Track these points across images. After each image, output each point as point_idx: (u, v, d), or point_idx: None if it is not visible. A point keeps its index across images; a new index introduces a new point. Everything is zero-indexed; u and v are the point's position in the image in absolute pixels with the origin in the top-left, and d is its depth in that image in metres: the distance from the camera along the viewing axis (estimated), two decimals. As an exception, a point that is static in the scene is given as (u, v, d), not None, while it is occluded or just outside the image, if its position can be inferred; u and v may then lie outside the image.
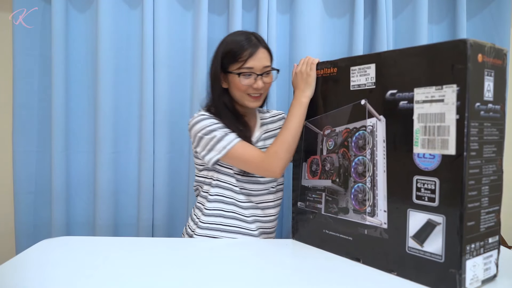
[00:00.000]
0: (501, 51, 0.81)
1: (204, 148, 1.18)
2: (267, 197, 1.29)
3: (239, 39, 1.21)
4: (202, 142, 1.18)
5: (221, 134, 1.17)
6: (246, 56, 1.18)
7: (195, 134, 1.20)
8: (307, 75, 1.13)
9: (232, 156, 1.16)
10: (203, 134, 1.18)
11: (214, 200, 1.24)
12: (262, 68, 1.21)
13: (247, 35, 1.23)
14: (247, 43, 1.19)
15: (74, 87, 1.68)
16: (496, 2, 1.82)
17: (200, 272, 0.90)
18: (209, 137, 1.17)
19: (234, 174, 1.23)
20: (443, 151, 0.79)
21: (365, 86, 0.95)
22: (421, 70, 0.83)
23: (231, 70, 1.20)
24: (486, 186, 0.80)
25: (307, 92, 1.13)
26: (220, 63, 1.22)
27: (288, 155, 1.15)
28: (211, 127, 1.18)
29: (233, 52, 1.19)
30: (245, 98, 1.23)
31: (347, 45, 1.78)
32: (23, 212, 1.68)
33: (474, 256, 0.79)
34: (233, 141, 1.16)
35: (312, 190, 1.11)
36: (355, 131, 0.98)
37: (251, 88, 1.21)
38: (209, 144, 1.17)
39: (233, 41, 1.21)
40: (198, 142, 1.20)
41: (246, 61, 1.18)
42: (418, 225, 0.84)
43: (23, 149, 1.67)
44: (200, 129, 1.19)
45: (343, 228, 1.01)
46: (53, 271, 0.89)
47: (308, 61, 1.15)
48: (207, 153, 1.18)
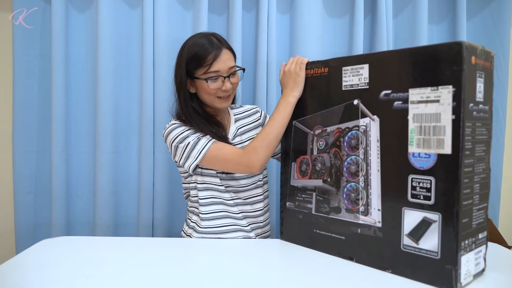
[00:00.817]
0: (489, 53, 0.83)
1: (180, 156, 1.19)
2: (255, 191, 1.30)
3: (201, 42, 1.19)
4: (178, 151, 1.19)
5: (194, 140, 1.17)
6: (210, 60, 1.17)
7: (170, 144, 1.20)
8: (296, 75, 1.12)
9: (209, 158, 1.16)
10: (177, 143, 1.18)
11: (206, 203, 1.24)
12: (228, 69, 1.20)
13: (208, 37, 1.21)
14: (209, 46, 1.18)
15: (74, 87, 1.68)
16: (496, 2, 1.82)
17: (199, 272, 0.91)
18: (183, 145, 1.17)
19: (217, 174, 1.24)
20: (439, 150, 0.80)
21: (358, 86, 0.96)
22: (416, 71, 0.84)
23: (198, 76, 1.19)
24: (477, 184, 0.82)
25: (296, 92, 1.12)
26: (185, 70, 1.20)
27: (267, 151, 1.14)
28: (183, 134, 1.18)
29: (197, 56, 1.17)
30: (214, 100, 1.23)
31: (347, 45, 1.78)
32: (23, 212, 1.69)
33: (468, 252, 0.81)
34: (207, 144, 1.16)
35: (302, 190, 1.10)
36: (347, 131, 0.99)
37: (220, 91, 1.21)
38: (184, 151, 1.17)
39: (195, 45, 1.19)
40: (174, 151, 1.20)
41: (211, 65, 1.17)
42: (413, 223, 0.84)
43: (23, 149, 1.68)
44: (173, 138, 1.19)
45: (335, 228, 1.01)
46: (53, 271, 0.90)
47: (297, 60, 1.14)
48: (185, 160, 1.18)
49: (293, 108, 1.13)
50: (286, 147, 1.16)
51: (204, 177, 1.24)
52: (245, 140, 1.31)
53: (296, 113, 1.13)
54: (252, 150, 1.14)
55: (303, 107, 1.12)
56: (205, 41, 1.19)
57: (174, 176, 1.71)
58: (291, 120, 1.14)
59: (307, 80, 1.11)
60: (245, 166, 1.15)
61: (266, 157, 1.14)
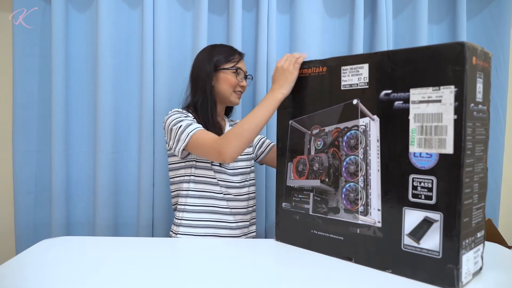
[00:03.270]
0: (487, 54, 0.84)
1: (173, 139, 1.23)
2: (246, 189, 1.36)
3: (226, 47, 1.40)
4: (172, 133, 1.24)
5: (186, 124, 1.22)
6: (237, 58, 1.37)
7: (167, 128, 1.26)
8: (289, 72, 1.09)
9: (193, 142, 1.20)
10: (172, 126, 1.24)
11: (194, 196, 1.29)
12: (245, 72, 1.41)
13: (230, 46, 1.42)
14: (235, 51, 1.39)
15: (74, 87, 1.68)
16: (496, 2, 1.82)
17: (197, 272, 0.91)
18: (176, 127, 1.22)
19: (212, 167, 1.29)
20: (441, 150, 0.80)
21: (357, 86, 0.95)
22: (418, 71, 0.84)
23: (227, 67, 1.34)
24: (476, 183, 0.82)
25: (285, 89, 1.09)
26: (214, 63, 1.33)
27: (239, 142, 1.12)
28: (179, 118, 1.24)
29: (227, 54, 1.36)
30: (232, 94, 1.36)
31: (347, 45, 1.78)
32: (23, 212, 1.68)
33: (468, 250, 0.81)
34: (195, 129, 1.21)
35: (299, 191, 1.10)
36: (346, 131, 0.98)
37: (239, 86, 1.36)
38: (176, 134, 1.22)
39: (222, 46, 1.40)
40: (169, 134, 1.25)
41: (238, 62, 1.37)
42: (414, 222, 0.84)
43: (23, 149, 1.68)
44: (170, 122, 1.25)
45: (333, 228, 1.00)
46: (53, 271, 0.89)
47: (292, 58, 1.10)
48: (175, 143, 1.23)
49: (278, 104, 1.11)
50: (282, 147, 1.15)
51: (198, 170, 1.29)
52: None
53: (293, 113, 1.12)
54: (225, 137, 1.15)
55: (300, 106, 1.10)
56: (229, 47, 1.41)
57: (174, 176, 1.71)
58: (288, 120, 1.13)
59: (305, 79, 1.09)
60: (216, 152, 1.15)
61: (238, 147, 1.13)
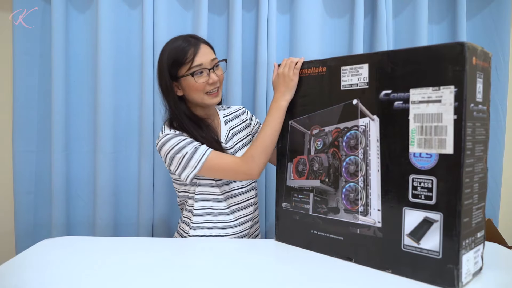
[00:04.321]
0: (487, 54, 0.84)
1: (177, 166, 1.17)
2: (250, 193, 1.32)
3: (178, 44, 1.19)
4: (174, 161, 1.16)
5: (192, 150, 1.15)
6: (191, 56, 1.17)
7: (165, 154, 1.18)
8: (289, 79, 1.11)
9: (207, 167, 1.16)
10: (174, 154, 1.16)
11: (200, 214, 1.24)
12: (210, 62, 1.20)
13: (183, 38, 1.21)
14: (187, 44, 1.18)
15: (74, 87, 1.68)
16: (496, 2, 1.82)
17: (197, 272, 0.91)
18: (180, 155, 1.15)
19: (216, 184, 1.24)
20: (441, 150, 0.80)
21: (357, 86, 0.95)
22: (418, 72, 0.84)
23: (182, 74, 1.18)
24: (476, 183, 0.82)
25: (287, 96, 1.12)
26: (168, 73, 1.19)
27: (265, 158, 1.15)
28: (180, 145, 1.16)
29: (177, 56, 1.17)
30: (204, 98, 1.21)
31: (347, 45, 1.78)
32: (23, 212, 1.69)
33: (468, 251, 0.81)
34: (205, 153, 1.15)
35: (299, 191, 1.10)
36: (346, 131, 0.98)
37: (208, 85, 1.20)
38: (182, 162, 1.16)
39: (173, 48, 1.20)
40: (170, 161, 1.18)
41: (193, 60, 1.17)
42: (414, 223, 0.84)
43: (23, 149, 1.68)
44: (169, 149, 1.16)
45: (333, 228, 1.00)
46: (53, 271, 0.89)
47: (291, 64, 1.12)
48: (182, 170, 1.16)
49: (285, 111, 1.13)
50: (282, 147, 1.15)
51: (202, 187, 1.24)
52: (236, 142, 1.32)
53: (292, 113, 1.13)
54: (250, 158, 1.15)
55: (300, 107, 1.11)
56: (181, 41, 1.20)
57: (174, 176, 1.71)
58: (288, 120, 1.14)
59: (305, 79, 1.10)
60: (244, 174, 1.17)
61: (264, 163, 1.16)
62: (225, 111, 1.40)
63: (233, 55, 1.65)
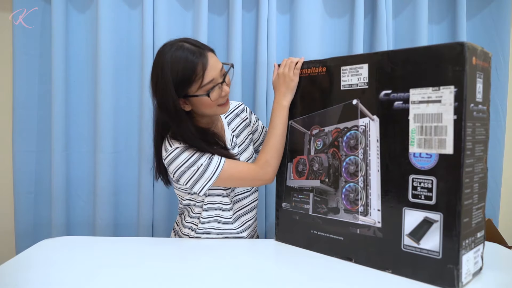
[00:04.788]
0: (487, 54, 0.84)
1: (189, 179, 1.11)
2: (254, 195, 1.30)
3: (181, 56, 1.04)
4: (186, 175, 1.10)
5: (206, 162, 1.10)
6: (201, 71, 1.04)
7: (175, 169, 1.11)
8: (289, 80, 1.11)
9: (223, 178, 1.12)
10: (186, 168, 1.10)
11: (208, 221, 1.22)
12: (220, 73, 1.10)
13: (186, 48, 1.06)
14: (192, 57, 1.04)
15: (74, 87, 1.68)
16: (496, 2, 1.82)
17: (197, 272, 0.91)
18: (194, 169, 1.10)
19: (227, 194, 1.21)
20: (441, 150, 0.80)
21: (357, 86, 0.95)
22: (417, 72, 0.84)
23: (194, 93, 1.07)
24: (476, 183, 0.82)
25: (288, 96, 1.12)
26: (174, 92, 1.05)
27: (278, 160, 1.15)
28: (192, 159, 1.10)
29: (184, 73, 1.04)
30: (216, 110, 1.14)
31: (347, 45, 1.78)
32: (23, 212, 1.69)
33: (468, 251, 0.81)
34: (220, 163, 1.11)
35: (299, 191, 1.10)
36: (346, 131, 0.98)
37: (220, 98, 1.12)
38: (195, 175, 1.10)
39: (176, 62, 1.04)
40: (180, 175, 1.11)
41: (204, 76, 1.05)
42: (414, 223, 0.84)
43: (23, 149, 1.68)
44: (181, 163, 1.10)
45: (333, 228, 1.01)
46: (53, 271, 0.90)
47: (291, 64, 1.12)
48: (194, 183, 1.11)
49: (288, 111, 1.13)
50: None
51: (212, 197, 1.20)
52: (239, 144, 1.29)
53: (292, 113, 1.13)
54: (265, 164, 1.14)
55: (300, 107, 1.11)
56: (184, 53, 1.05)
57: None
58: (287, 120, 1.14)
59: (305, 79, 1.10)
60: (261, 180, 1.16)
61: (278, 166, 1.16)
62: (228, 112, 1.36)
63: (233, 55, 1.65)
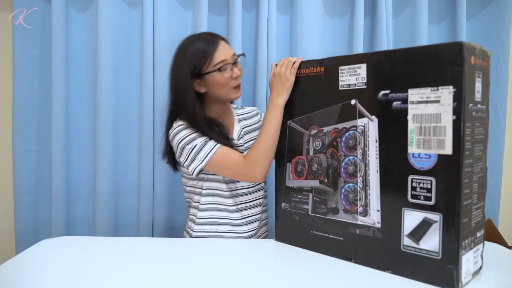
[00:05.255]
0: (486, 53, 0.83)
1: (186, 158, 1.17)
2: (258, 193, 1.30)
3: (197, 42, 1.20)
4: (184, 152, 1.17)
5: (202, 143, 1.15)
6: (213, 52, 1.17)
7: (176, 144, 1.18)
8: (285, 79, 1.10)
9: (214, 163, 1.15)
10: (184, 144, 1.16)
11: (207, 209, 1.24)
12: (232, 57, 1.21)
13: (201, 37, 1.22)
14: (207, 42, 1.19)
15: (74, 87, 1.69)
16: (496, 2, 1.82)
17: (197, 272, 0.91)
18: (190, 147, 1.16)
19: (224, 180, 1.23)
20: (440, 151, 0.80)
21: (355, 86, 0.95)
22: (416, 72, 0.83)
23: (207, 71, 1.18)
24: (475, 183, 0.82)
25: (283, 96, 1.11)
26: (188, 71, 1.17)
27: (268, 159, 1.14)
28: (191, 136, 1.16)
29: (200, 53, 1.17)
30: (229, 92, 1.22)
31: (347, 45, 1.78)
32: (23, 212, 1.69)
33: (467, 251, 0.81)
34: (214, 148, 1.15)
35: (298, 191, 1.10)
36: (344, 131, 0.98)
37: (232, 80, 1.21)
38: (191, 153, 1.16)
39: (192, 47, 1.19)
40: (180, 152, 1.18)
41: (215, 56, 1.17)
42: (413, 223, 0.84)
43: (23, 150, 1.68)
44: (180, 139, 1.17)
45: (332, 229, 1.00)
46: (53, 271, 0.90)
47: (288, 64, 1.12)
48: (190, 162, 1.17)
49: (283, 110, 1.13)
50: (281, 148, 1.15)
51: (209, 182, 1.24)
52: (247, 140, 1.31)
53: (291, 113, 1.12)
54: (253, 161, 1.14)
55: (299, 107, 1.11)
56: (200, 40, 1.20)
57: (174, 176, 1.70)
58: (286, 120, 1.13)
59: (302, 79, 1.09)
60: (247, 176, 1.16)
61: (267, 165, 1.15)
62: (240, 110, 1.40)
63: (233, 55, 1.66)
